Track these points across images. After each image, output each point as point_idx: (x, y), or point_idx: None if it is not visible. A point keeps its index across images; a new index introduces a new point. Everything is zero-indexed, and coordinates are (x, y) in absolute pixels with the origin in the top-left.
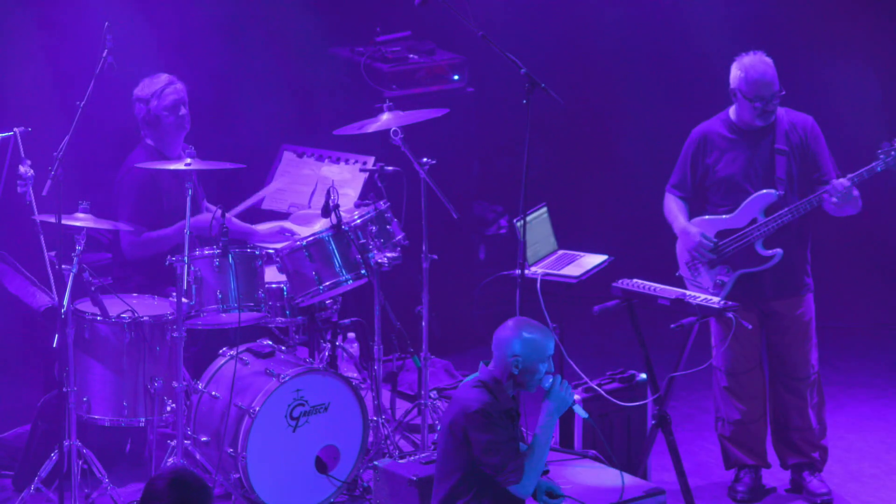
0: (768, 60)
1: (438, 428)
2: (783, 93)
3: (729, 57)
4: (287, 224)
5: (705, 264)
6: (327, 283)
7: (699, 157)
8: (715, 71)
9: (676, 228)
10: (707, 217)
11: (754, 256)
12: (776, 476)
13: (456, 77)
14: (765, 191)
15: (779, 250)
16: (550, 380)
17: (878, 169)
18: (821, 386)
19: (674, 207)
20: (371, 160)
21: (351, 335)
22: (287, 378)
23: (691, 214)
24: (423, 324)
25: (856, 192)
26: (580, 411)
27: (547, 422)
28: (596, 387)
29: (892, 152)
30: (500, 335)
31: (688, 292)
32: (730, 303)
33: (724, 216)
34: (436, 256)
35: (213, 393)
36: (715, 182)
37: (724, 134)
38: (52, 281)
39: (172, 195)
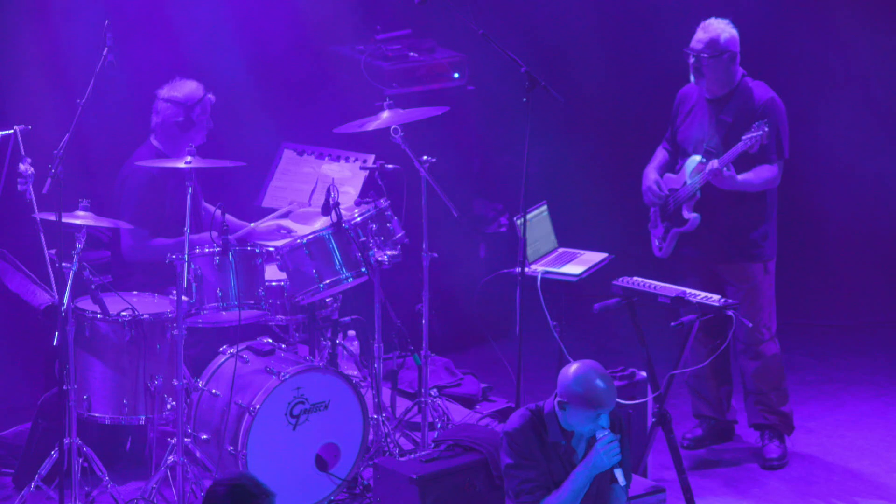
0: (716, 23)
1: (438, 426)
2: (710, 56)
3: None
4: (284, 222)
5: (659, 216)
6: (327, 281)
7: (675, 116)
8: None
9: (645, 170)
10: (667, 174)
11: (681, 217)
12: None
13: (456, 75)
14: (693, 157)
15: (695, 215)
16: (601, 435)
17: (741, 150)
18: (779, 355)
19: (657, 155)
20: (371, 158)
21: (351, 333)
22: (287, 376)
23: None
24: (424, 322)
25: (727, 173)
26: (620, 477)
27: (578, 472)
28: None
29: (753, 134)
30: (562, 372)
31: (688, 290)
32: (730, 301)
33: (673, 175)
34: (436, 254)
35: (214, 391)
36: (676, 143)
37: (693, 98)
38: (52, 279)
39: (176, 198)
